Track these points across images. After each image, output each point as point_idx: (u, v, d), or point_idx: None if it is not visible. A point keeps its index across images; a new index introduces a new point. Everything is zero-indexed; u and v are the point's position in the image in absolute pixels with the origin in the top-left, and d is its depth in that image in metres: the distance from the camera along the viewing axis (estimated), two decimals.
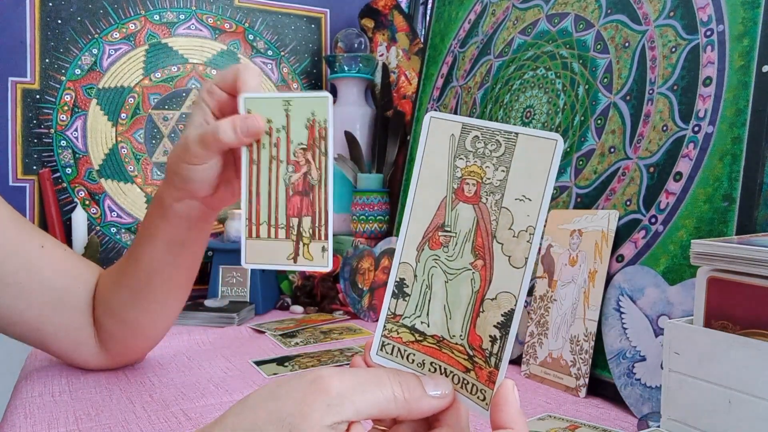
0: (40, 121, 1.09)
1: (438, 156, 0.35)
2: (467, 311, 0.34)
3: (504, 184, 0.33)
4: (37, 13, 1.09)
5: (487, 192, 0.33)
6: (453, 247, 0.34)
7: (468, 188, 0.34)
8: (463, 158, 0.34)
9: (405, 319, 0.36)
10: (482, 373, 0.33)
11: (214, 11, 1.23)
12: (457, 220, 0.34)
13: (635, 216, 0.67)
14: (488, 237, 0.33)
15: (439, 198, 0.35)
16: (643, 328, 0.61)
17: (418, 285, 0.35)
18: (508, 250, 0.33)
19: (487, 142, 0.33)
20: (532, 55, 0.87)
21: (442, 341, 0.34)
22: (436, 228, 0.35)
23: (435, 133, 0.35)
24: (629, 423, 0.58)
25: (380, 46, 1.30)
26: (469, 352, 0.33)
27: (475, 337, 0.33)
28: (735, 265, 0.46)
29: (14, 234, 0.64)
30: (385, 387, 0.31)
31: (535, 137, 0.32)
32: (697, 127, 0.63)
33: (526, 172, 0.32)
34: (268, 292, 1.11)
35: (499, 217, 0.33)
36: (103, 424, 0.58)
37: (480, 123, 0.34)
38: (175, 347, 0.85)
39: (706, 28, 0.65)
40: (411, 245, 0.35)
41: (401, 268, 0.36)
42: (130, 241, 1.14)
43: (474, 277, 0.33)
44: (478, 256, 0.33)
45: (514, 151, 0.33)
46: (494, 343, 0.32)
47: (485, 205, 0.33)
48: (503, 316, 0.32)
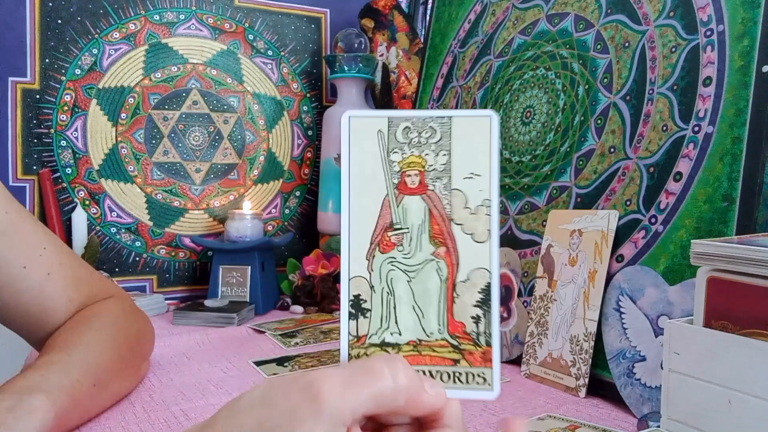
0: (40, 121, 1.09)
1: (368, 156, 0.33)
2: (440, 303, 0.33)
3: (449, 167, 0.33)
4: (37, 13, 1.09)
5: (432, 179, 0.33)
6: (408, 243, 0.33)
7: (411, 180, 0.33)
8: (397, 152, 0.33)
9: (371, 337, 0.33)
10: (475, 357, 0.32)
11: (214, 11, 1.23)
12: (406, 215, 0.33)
13: (635, 216, 0.67)
14: (444, 221, 0.33)
15: (379, 199, 0.33)
16: (643, 328, 0.61)
17: (378, 296, 0.33)
18: (469, 228, 0.33)
19: (421, 131, 0.33)
20: (532, 55, 0.87)
21: (420, 344, 0.33)
22: (384, 230, 0.33)
23: (359, 133, 0.33)
24: (629, 423, 0.58)
25: (380, 46, 1.30)
26: (453, 342, 0.33)
27: (455, 325, 0.33)
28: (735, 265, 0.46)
29: None
30: (382, 376, 0.29)
31: (469, 117, 0.33)
32: (697, 127, 0.63)
33: (469, 152, 0.33)
34: (268, 292, 1.11)
35: (452, 198, 0.33)
36: (103, 424, 0.58)
37: (407, 113, 0.34)
38: (175, 347, 0.85)
39: (706, 28, 0.65)
40: (358, 257, 0.33)
41: (353, 284, 0.33)
42: (130, 241, 1.14)
43: (439, 266, 0.33)
44: (438, 244, 0.33)
45: (452, 134, 0.33)
46: (479, 322, 0.32)
47: (434, 192, 0.33)
48: (481, 292, 0.32)
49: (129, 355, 0.65)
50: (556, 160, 0.79)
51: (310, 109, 1.32)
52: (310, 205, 1.31)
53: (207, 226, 1.21)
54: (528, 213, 0.81)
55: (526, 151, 0.84)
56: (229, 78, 1.23)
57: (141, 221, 1.15)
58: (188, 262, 1.19)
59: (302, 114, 1.31)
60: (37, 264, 0.64)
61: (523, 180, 0.83)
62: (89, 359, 0.57)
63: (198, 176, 1.20)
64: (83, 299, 0.66)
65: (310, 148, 1.31)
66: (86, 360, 0.57)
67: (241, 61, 1.25)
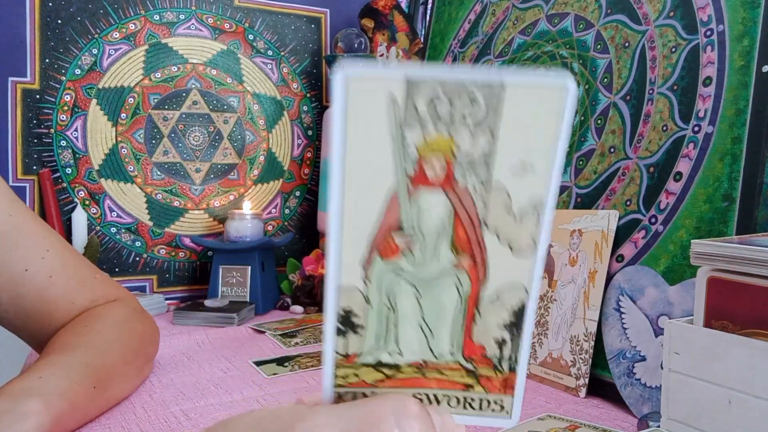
0: (40, 121, 1.09)
1: (373, 135, 0.24)
2: (456, 322, 0.28)
3: (492, 156, 0.25)
4: (37, 13, 1.09)
5: (464, 170, 0.25)
6: (420, 250, 0.27)
7: (432, 170, 0.25)
8: (415, 128, 0.24)
9: (364, 356, 0.28)
10: (493, 383, 0.29)
11: (214, 11, 1.23)
12: (420, 216, 0.26)
13: (635, 216, 0.67)
14: (475, 228, 0.26)
15: (384, 191, 0.25)
16: (643, 328, 0.61)
17: (375, 311, 0.27)
18: (507, 238, 0.26)
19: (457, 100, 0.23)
20: (532, 55, 0.87)
21: (425, 365, 0.28)
22: (388, 232, 0.26)
23: (361, 102, 0.24)
24: (629, 423, 0.58)
25: (380, 46, 1.30)
26: (468, 366, 0.28)
27: (473, 348, 0.28)
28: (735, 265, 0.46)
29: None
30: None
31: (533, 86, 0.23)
32: (697, 127, 0.63)
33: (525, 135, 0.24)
34: (268, 292, 1.11)
35: (490, 199, 0.25)
36: (102, 424, 0.58)
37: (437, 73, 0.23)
38: (175, 347, 0.85)
39: (706, 28, 0.65)
40: (351, 264, 0.26)
41: (343, 295, 0.27)
42: (130, 241, 1.14)
43: (460, 280, 0.27)
44: (462, 254, 0.27)
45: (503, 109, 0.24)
46: (503, 347, 0.28)
47: (464, 189, 0.25)
48: (513, 315, 0.27)
49: (132, 356, 0.65)
50: None
51: (310, 109, 1.32)
52: (310, 205, 1.31)
53: (207, 226, 1.20)
54: None
55: None
56: (229, 78, 1.23)
57: (141, 221, 1.15)
58: (188, 262, 1.19)
59: (302, 114, 1.31)
60: (39, 267, 0.63)
61: None
62: (90, 361, 0.57)
63: (198, 176, 1.20)
64: (86, 302, 0.66)
65: (310, 148, 1.31)
66: (87, 362, 0.57)
67: (241, 61, 1.25)
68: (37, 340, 0.65)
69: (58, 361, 0.55)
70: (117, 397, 0.63)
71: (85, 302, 0.66)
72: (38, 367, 0.54)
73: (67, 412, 0.52)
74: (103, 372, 0.58)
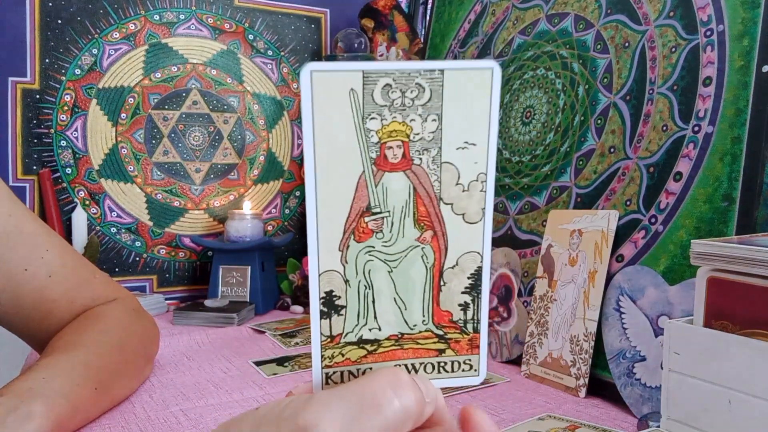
0: (40, 121, 1.09)
1: (337, 123, 0.27)
2: (425, 292, 0.30)
3: (439, 135, 0.28)
4: (37, 13, 1.09)
5: (418, 150, 0.28)
6: (389, 229, 0.29)
7: (392, 153, 0.28)
8: (376, 117, 0.27)
9: (347, 336, 0.30)
10: (461, 345, 0.31)
11: (214, 11, 1.23)
12: (386, 195, 0.28)
13: (635, 216, 0.67)
14: (432, 202, 0.29)
15: (353, 177, 0.28)
16: (643, 328, 0.61)
17: (354, 290, 0.29)
18: (460, 208, 0.29)
19: (405, 89, 0.27)
20: (532, 55, 0.87)
21: (402, 337, 0.30)
22: (360, 214, 0.28)
23: (325, 94, 0.26)
24: (629, 423, 0.58)
25: (380, 46, 1.30)
26: (438, 332, 0.30)
27: (441, 314, 0.30)
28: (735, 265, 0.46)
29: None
30: (391, 405, 0.25)
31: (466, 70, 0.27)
32: (697, 127, 0.63)
33: (464, 116, 0.28)
34: (268, 292, 1.11)
35: (442, 174, 0.28)
36: (103, 424, 0.58)
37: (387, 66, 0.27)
38: (175, 347, 0.85)
39: (706, 28, 0.65)
40: (330, 249, 0.28)
41: (324, 279, 0.29)
42: (130, 241, 1.14)
43: (425, 253, 0.29)
44: (424, 228, 0.29)
45: (443, 93, 0.27)
46: (466, 310, 0.30)
47: (420, 167, 0.28)
48: (470, 278, 0.30)
49: (133, 357, 0.65)
50: (556, 160, 0.79)
51: None
52: None
53: (207, 226, 1.20)
54: (528, 213, 0.81)
55: (526, 151, 0.84)
56: (229, 78, 1.23)
57: (141, 221, 1.15)
58: (188, 262, 1.19)
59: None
60: (39, 266, 0.63)
61: (523, 180, 0.83)
62: (91, 361, 0.57)
63: (198, 176, 1.20)
64: (86, 301, 0.66)
65: None
66: (89, 362, 0.57)
67: (241, 61, 1.25)
68: (37, 340, 0.65)
69: (60, 362, 0.55)
70: (118, 398, 0.63)
71: (85, 302, 0.66)
72: (41, 366, 0.54)
73: (69, 414, 0.52)
74: (105, 373, 0.58)
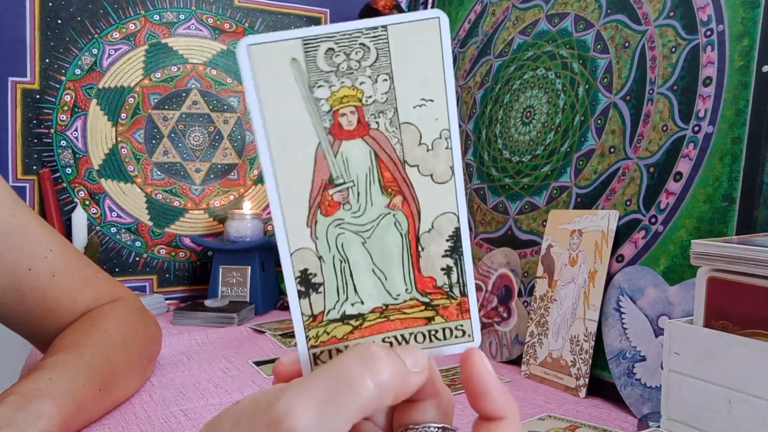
0: (40, 121, 1.09)
1: (283, 96, 0.26)
2: (404, 260, 0.29)
3: (393, 96, 0.27)
4: (37, 13, 1.09)
5: (374, 114, 0.27)
6: (356, 198, 0.28)
7: (346, 120, 0.27)
8: (323, 85, 0.26)
9: (329, 313, 0.28)
10: (450, 311, 0.29)
11: (214, 11, 1.23)
12: (348, 165, 0.27)
13: (635, 216, 0.67)
14: (396, 165, 0.28)
15: (309, 150, 0.27)
16: (643, 328, 0.61)
17: (329, 266, 0.28)
18: (427, 169, 0.28)
19: (349, 51, 0.26)
20: (532, 55, 0.87)
21: (387, 309, 0.29)
22: (323, 187, 0.27)
23: (265, 67, 0.26)
24: (629, 423, 0.58)
25: None
26: (424, 300, 0.29)
27: (424, 281, 0.29)
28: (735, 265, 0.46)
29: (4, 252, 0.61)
30: (363, 383, 0.24)
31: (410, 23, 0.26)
32: (697, 127, 0.63)
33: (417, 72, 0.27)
34: (268, 292, 1.11)
35: (402, 136, 0.27)
36: (103, 424, 0.58)
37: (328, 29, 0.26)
38: (174, 347, 0.85)
39: (706, 28, 0.65)
40: (297, 226, 0.27)
41: (296, 258, 0.28)
42: (130, 241, 1.14)
43: (397, 219, 0.28)
44: (392, 194, 0.28)
45: (390, 50, 0.26)
46: (450, 273, 0.29)
47: (378, 131, 0.27)
48: (449, 240, 0.28)
49: (136, 358, 0.65)
50: (556, 160, 0.79)
51: None
52: None
53: (207, 226, 1.21)
54: (528, 213, 0.81)
55: (526, 151, 0.84)
56: (229, 78, 1.23)
57: (141, 221, 1.15)
58: (188, 262, 1.19)
59: None
60: (43, 266, 0.64)
61: (523, 180, 0.83)
62: (96, 362, 0.57)
63: (198, 176, 1.20)
64: (89, 301, 0.67)
65: None
66: (93, 363, 0.57)
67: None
68: (41, 339, 0.65)
69: (65, 362, 0.55)
70: (121, 398, 0.63)
71: (88, 301, 0.66)
72: (46, 366, 0.54)
73: (75, 414, 0.52)
74: (109, 374, 0.58)
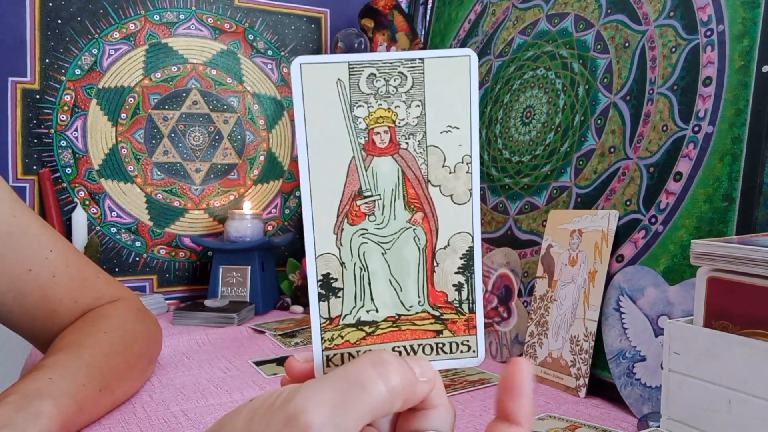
0: (40, 121, 1.09)
1: (326, 112, 0.29)
2: (419, 273, 0.31)
3: (423, 120, 0.30)
4: (37, 13, 1.09)
5: (404, 135, 0.30)
6: (381, 211, 0.30)
7: (380, 138, 0.30)
8: (362, 105, 0.29)
9: (345, 318, 0.31)
10: (458, 326, 0.31)
11: (214, 11, 1.23)
12: (376, 179, 0.30)
13: (635, 216, 0.67)
14: (420, 184, 0.30)
15: (344, 162, 0.30)
16: (643, 328, 0.61)
17: (350, 272, 0.30)
18: (447, 189, 0.30)
19: (389, 77, 0.29)
20: (532, 55, 0.87)
21: (399, 319, 0.31)
22: (352, 198, 0.30)
23: (314, 84, 0.29)
24: (629, 423, 0.58)
25: (380, 46, 1.30)
26: (435, 313, 0.31)
27: (436, 295, 0.31)
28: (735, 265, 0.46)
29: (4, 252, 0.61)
30: (375, 386, 0.26)
31: (444, 58, 0.29)
32: (697, 127, 0.63)
33: (446, 101, 0.30)
34: (268, 292, 1.11)
35: (428, 157, 0.30)
36: (103, 424, 0.58)
37: (371, 57, 0.29)
38: (174, 347, 0.85)
39: (706, 28, 0.65)
40: (325, 232, 0.30)
41: (320, 262, 0.30)
42: (130, 241, 1.14)
43: (417, 234, 0.30)
44: (414, 210, 0.30)
45: (425, 80, 0.30)
46: (461, 290, 0.31)
47: (407, 151, 0.30)
48: (462, 258, 0.31)
49: (136, 358, 0.65)
50: (556, 160, 0.79)
51: None
52: None
53: (207, 226, 1.21)
54: (528, 213, 0.81)
55: (526, 151, 0.84)
56: (229, 78, 1.23)
57: (141, 221, 1.15)
58: (188, 262, 1.19)
59: None
60: (43, 266, 0.64)
61: (523, 180, 0.83)
62: (97, 362, 0.57)
63: (198, 176, 1.20)
64: (90, 301, 0.67)
65: None
66: (94, 363, 0.57)
67: (241, 61, 1.25)
68: (41, 340, 0.65)
69: (66, 362, 0.55)
70: (122, 398, 0.63)
71: (89, 301, 0.66)
72: (47, 366, 0.54)
73: (75, 414, 0.52)
74: (109, 374, 0.58)
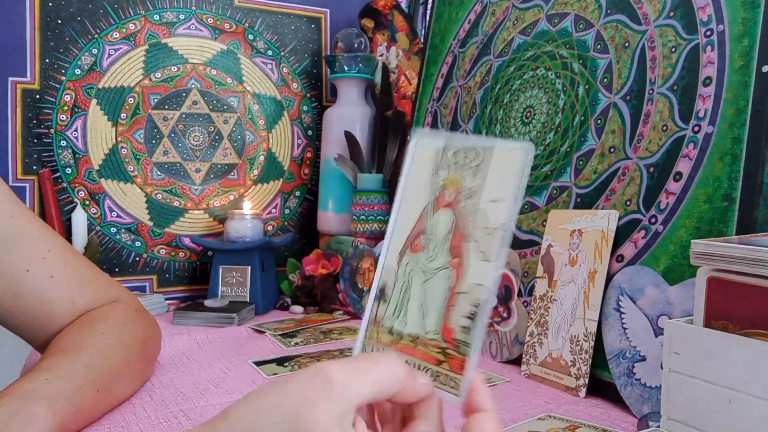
0: (40, 121, 1.09)
1: (423, 171, 0.38)
2: (442, 307, 0.36)
3: (480, 189, 0.36)
4: (37, 13, 1.09)
5: (464, 197, 0.36)
6: (432, 248, 0.37)
7: (447, 194, 0.37)
8: (444, 169, 0.37)
9: (385, 321, 0.38)
10: (454, 363, 0.35)
11: (214, 11, 1.23)
12: (436, 226, 0.37)
13: (635, 216, 0.67)
14: (464, 236, 0.36)
15: (420, 207, 0.38)
16: (643, 328, 0.61)
17: (398, 288, 0.38)
18: (483, 247, 0.35)
19: (468, 153, 0.37)
20: (532, 55, 0.87)
21: (418, 339, 0.36)
22: (418, 234, 0.38)
23: (421, 152, 0.38)
24: (629, 423, 0.58)
25: (380, 46, 1.30)
26: (442, 345, 0.35)
27: (448, 330, 0.35)
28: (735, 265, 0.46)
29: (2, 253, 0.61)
30: (384, 365, 0.32)
31: (508, 148, 0.35)
32: (697, 127, 0.63)
33: (500, 178, 0.35)
34: (268, 292, 1.11)
35: (476, 218, 0.36)
36: (103, 424, 0.58)
37: (463, 141, 0.37)
38: (174, 347, 0.85)
39: (706, 28, 0.65)
40: (395, 251, 0.38)
41: (385, 271, 0.38)
42: (130, 241, 1.14)
43: (450, 275, 0.36)
44: (454, 255, 0.36)
45: (491, 160, 0.36)
46: (465, 333, 0.34)
47: (463, 209, 0.36)
48: (473, 305, 0.34)
49: (135, 359, 0.65)
50: (556, 160, 0.79)
51: (310, 109, 1.32)
52: (310, 205, 1.31)
53: (207, 226, 1.21)
54: (528, 213, 0.81)
55: None
56: (229, 78, 1.23)
57: (141, 221, 1.15)
58: (188, 262, 1.19)
59: (302, 114, 1.31)
60: (41, 267, 0.63)
61: None
62: (94, 364, 0.57)
63: (198, 176, 1.20)
64: (88, 302, 0.66)
65: (310, 148, 1.31)
66: (91, 364, 0.57)
67: (241, 61, 1.25)
68: (40, 340, 0.65)
69: (62, 364, 0.55)
70: (120, 400, 0.63)
71: (87, 302, 0.66)
72: (43, 368, 0.54)
73: (72, 416, 0.52)
74: (107, 376, 0.58)
